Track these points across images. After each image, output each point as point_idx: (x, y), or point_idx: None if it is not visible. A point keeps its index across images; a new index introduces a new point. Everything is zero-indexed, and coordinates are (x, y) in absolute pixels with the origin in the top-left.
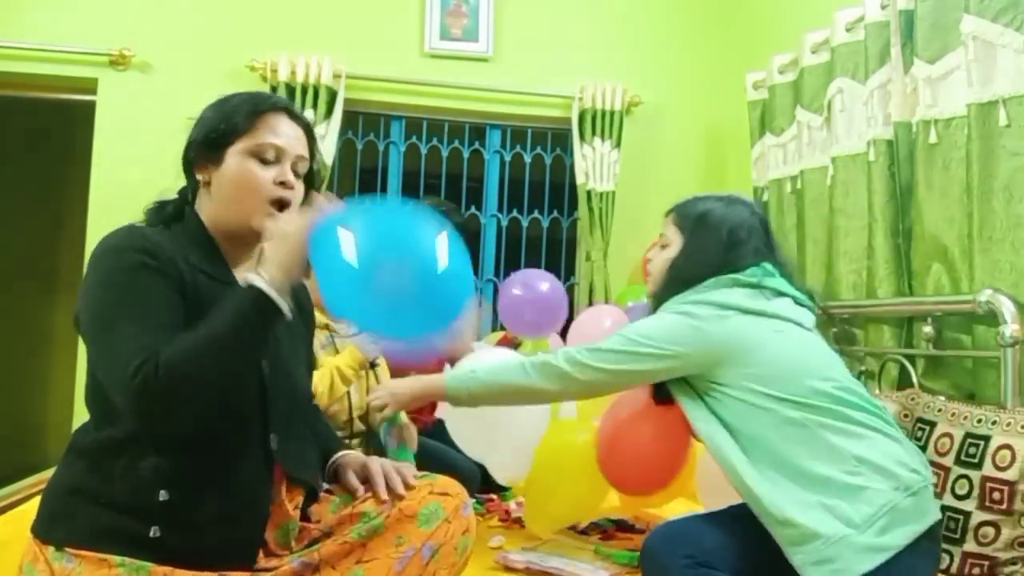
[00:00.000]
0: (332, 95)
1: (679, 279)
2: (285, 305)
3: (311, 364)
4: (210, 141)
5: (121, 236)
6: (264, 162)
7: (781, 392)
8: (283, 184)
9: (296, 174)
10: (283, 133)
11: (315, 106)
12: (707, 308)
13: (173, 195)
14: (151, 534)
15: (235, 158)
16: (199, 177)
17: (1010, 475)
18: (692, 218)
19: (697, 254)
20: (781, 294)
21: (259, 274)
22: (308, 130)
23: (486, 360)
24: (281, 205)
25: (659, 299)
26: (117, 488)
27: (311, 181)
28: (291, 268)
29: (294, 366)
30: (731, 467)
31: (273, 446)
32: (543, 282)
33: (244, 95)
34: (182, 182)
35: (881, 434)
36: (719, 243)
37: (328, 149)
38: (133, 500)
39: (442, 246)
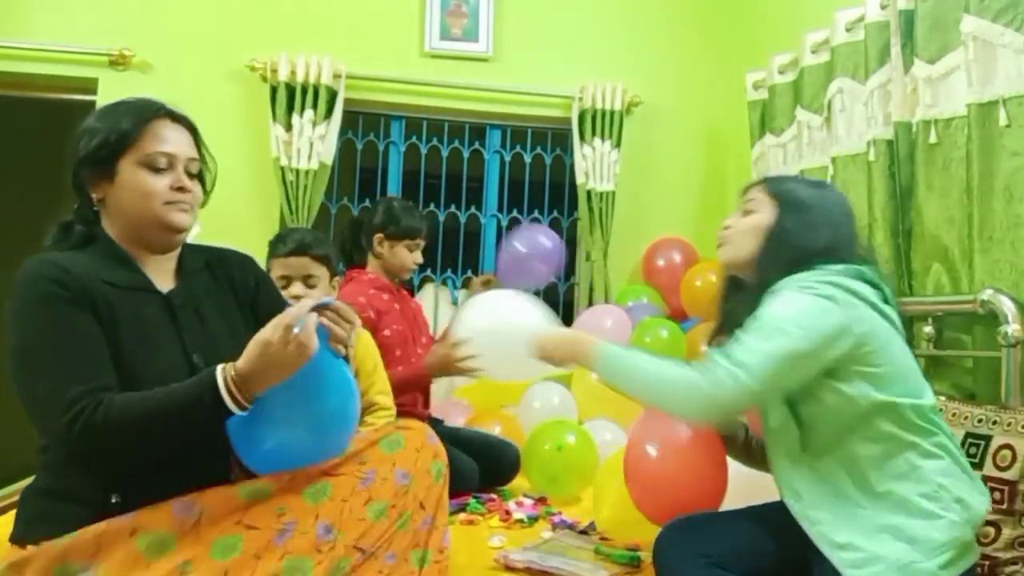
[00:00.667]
0: (332, 95)
1: (789, 247)
2: (237, 408)
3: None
4: (99, 157)
5: (30, 266)
6: (157, 170)
7: (889, 396)
8: (180, 189)
9: (189, 174)
10: (170, 139)
11: (315, 106)
12: (844, 294)
13: (68, 217)
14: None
15: (128, 171)
16: (93, 196)
17: (1011, 475)
18: (786, 189)
19: (803, 224)
20: (888, 301)
21: (231, 371)
22: (193, 130)
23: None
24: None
25: (764, 267)
26: (78, 489)
27: (203, 180)
28: (266, 385)
29: (230, 352)
30: (787, 477)
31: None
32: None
33: (126, 105)
34: None
35: (957, 463)
36: (826, 221)
37: (328, 149)
38: (93, 499)
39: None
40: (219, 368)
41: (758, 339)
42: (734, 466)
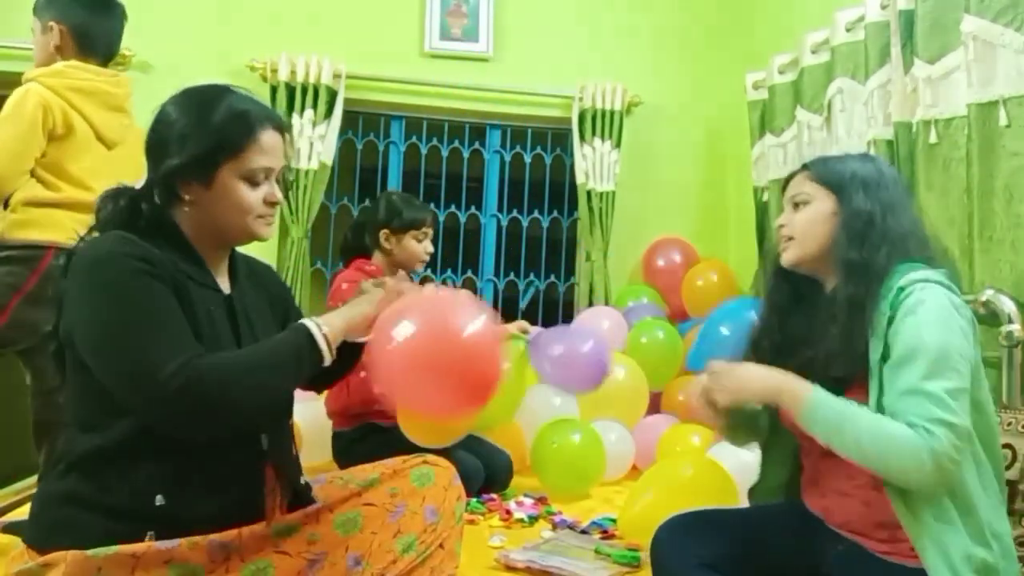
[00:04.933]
0: (332, 95)
1: (877, 229)
2: (329, 357)
3: None
4: (203, 163)
5: (113, 243)
6: (254, 184)
7: (989, 415)
8: (272, 204)
9: (277, 181)
10: (271, 150)
11: (315, 106)
12: (958, 300)
13: (131, 188)
14: (146, 539)
15: (228, 181)
16: (183, 195)
17: (1011, 475)
18: (835, 172)
19: (880, 203)
20: None
21: (322, 324)
22: (289, 134)
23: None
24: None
25: (860, 258)
26: (113, 495)
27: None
28: (354, 330)
29: None
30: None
31: (263, 446)
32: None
33: (229, 107)
34: None
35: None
36: (899, 199)
37: (328, 149)
38: (130, 505)
39: None
40: (306, 321)
41: (937, 379)
42: (739, 464)
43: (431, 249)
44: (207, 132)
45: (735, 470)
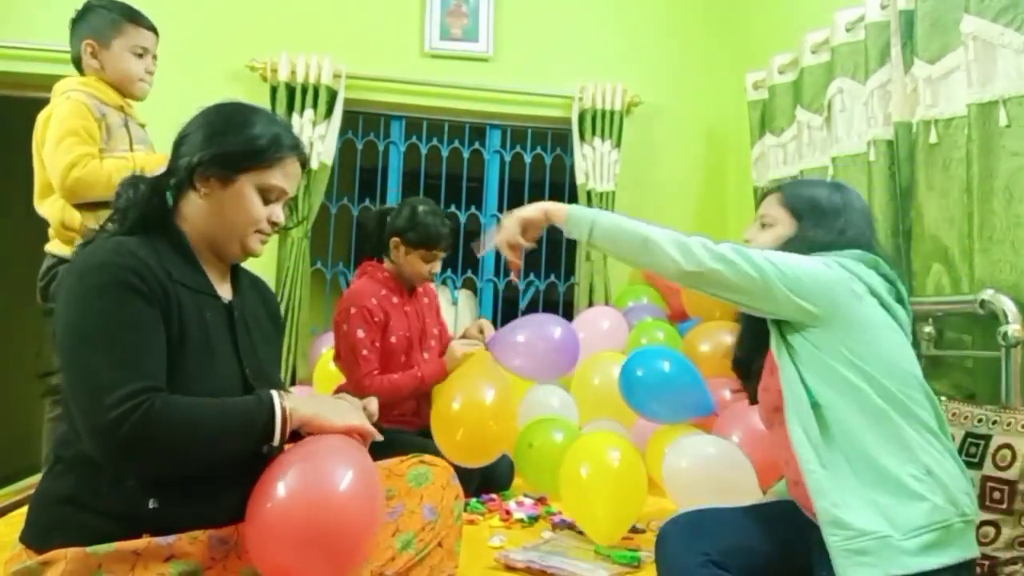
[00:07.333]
0: (332, 95)
1: (811, 248)
2: (279, 438)
3: (279, 366)
4: (228, 163)
5: (108, 252)
6: (266, 200)
7: (874, 371)
8: (274, 224)
9: (285, 206)
10: (290, 176)
11: (315, 106)
12: (846, 274)
13: (147, 175)
14: (143, 538)
15: (245, 187)
16: (199, 188)
17: (1010, 475)
18: (803, 199)
19: (828, 230)
20: (901, 300)
21: (288, 403)
22: (306, 167)
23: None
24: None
25: None
26: (107, 498)
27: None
28: (312, 425)
29: (270, 369)
30: (800, 437)
31: (265, 450)
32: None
33: (267, 125)
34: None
35: (951, 457)
36: (851, 224)
37: (328, 149)
38: (123, 508)
39: None
40: (275, 394)
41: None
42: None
43: (437, 270)
44: (241, 137)
45: (701, 466)
